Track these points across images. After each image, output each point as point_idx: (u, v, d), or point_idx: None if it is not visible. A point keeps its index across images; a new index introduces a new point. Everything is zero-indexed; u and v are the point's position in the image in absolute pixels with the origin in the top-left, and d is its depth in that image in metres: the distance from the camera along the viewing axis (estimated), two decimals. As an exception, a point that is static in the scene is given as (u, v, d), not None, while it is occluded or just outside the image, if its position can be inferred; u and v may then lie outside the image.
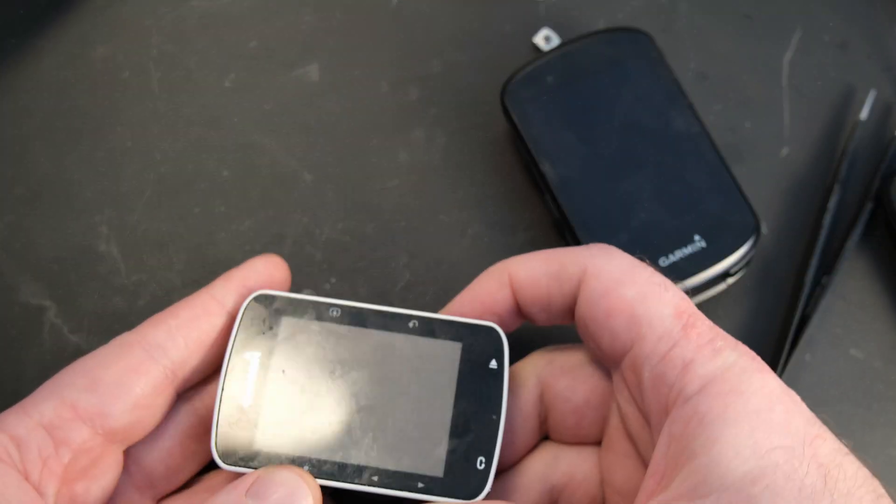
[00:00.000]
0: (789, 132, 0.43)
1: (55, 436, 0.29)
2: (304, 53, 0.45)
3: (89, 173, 0.43)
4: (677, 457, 0.27)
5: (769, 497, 0.25)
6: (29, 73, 0.44)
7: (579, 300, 0.31)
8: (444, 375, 0.32)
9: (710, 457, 0.26)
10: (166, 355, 0.32)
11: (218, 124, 0.43)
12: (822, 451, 0.27)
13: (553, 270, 0.32)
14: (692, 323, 0.30)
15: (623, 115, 0.40)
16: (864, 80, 0.44)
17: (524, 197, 0.42)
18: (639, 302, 0.30)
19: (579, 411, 0.33)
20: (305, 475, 0.30)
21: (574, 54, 0.41)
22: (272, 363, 0.32)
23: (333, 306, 0.33)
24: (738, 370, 0.28)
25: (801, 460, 0.26)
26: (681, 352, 0.29)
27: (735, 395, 0.27)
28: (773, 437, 0.27)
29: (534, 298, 0.33)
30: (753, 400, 0.27)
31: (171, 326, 0.32)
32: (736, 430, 0.27)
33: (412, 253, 0.41)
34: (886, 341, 0.40)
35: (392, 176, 0.42)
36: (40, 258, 0.41)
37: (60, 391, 0.30)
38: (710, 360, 0.28)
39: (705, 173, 0.39)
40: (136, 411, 0.31)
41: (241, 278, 0.34)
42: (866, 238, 0.41)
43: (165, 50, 0.45)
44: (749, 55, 0.44)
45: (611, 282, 0.31)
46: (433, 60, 0.44)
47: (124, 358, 0.31)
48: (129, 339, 0.32)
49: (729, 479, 0.26)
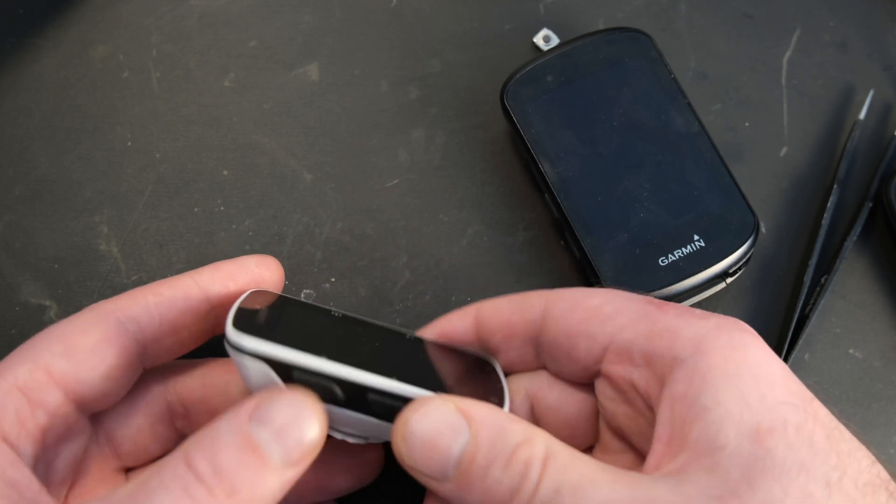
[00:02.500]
0: (788, 132, 0.43)
1: (30, 397, 0.29)
2: (304, 53, 0.45)
3: (89, 173, 0.43)
4: (684, 416, 0.27)
5: (784, 449, 0.26)
6: (29, 73, 0.44)
7: (546, 322, 0.32)
8: None
9: (723, 409, 0.27)
10: (140, 330, 0.32)
11: (218, 124, 0.43)
12: (821, 413, 0.28)
13: (516, 302, 0.33)
14: (663, 303, 0.31)
15: (622, 114, 0.40)
16: (864, 79, 0.44)
17: (524, 197, 0.42)
18: (607, 304, 0.31)
19: (572, 422, 0.33)
20: (311, 397, 0.28)
21: (574, 54, 0.41)
22: None
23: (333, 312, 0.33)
24: (727, 327, 0.29)
25: (805, 418, 0.27)
26: (664, 324, 0.29)
27: (731, 350, 0.28)
28: (777, 391, 0.27)
29: (496, 327, 0.33)
30: (749, 354, 0.28)
31: (149, 303, 0.32)
32: (740, 382, 0.27)
33: (412, 253, 0.41)
34: (885, 341, 0.40)
35: (392, 175, 0.42)
36: (40, 258, 0.41)
37: (35, 355, 0.30)
38: (695, 322, 0.29)
39: (705, 173, 0.39)
40: (107, 382, 0.31)
41: (230, 272, 0.34)
42: (865, 237, 0.41)
43: (165, 49, 0.45)
44: (749, 55, 0.44)
45: (575, 298, 0.32)
46: (433, 60, 0.44)
47: (100, 327, 0.31)
48: (105, 308, 0.32)
49: (744, 430, 0.26)
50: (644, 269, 0.38)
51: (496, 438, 0.27)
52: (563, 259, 0.41)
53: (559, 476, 0.27)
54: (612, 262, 0.38)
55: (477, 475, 0.27)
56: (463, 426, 0.28)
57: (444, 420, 0.28)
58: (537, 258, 0.41)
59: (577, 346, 0.31)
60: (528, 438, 0.27)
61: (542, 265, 0.41)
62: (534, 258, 0.41)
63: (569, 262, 0.41)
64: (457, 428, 0.28)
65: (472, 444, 0.27)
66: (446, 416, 0.28)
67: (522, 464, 0.27)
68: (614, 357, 0.31)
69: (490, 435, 0.27)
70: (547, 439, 0.28)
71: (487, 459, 0.27)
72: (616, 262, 0.38)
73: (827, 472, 0.26)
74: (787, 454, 0.26)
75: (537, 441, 0.27)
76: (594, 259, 0.38)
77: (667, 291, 0.37)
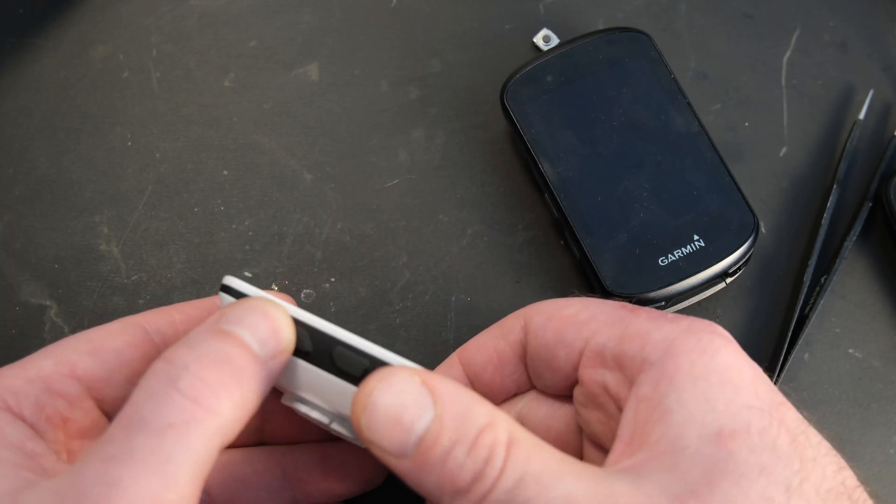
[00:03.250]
0: (788, 132, 0.43)
1: (51, 387, 0.29)
2: (304, 53, 0.45)
3: (89, 173, 0.43)
4: (647, 416, 0.27)
5: (746, 452, 0.26)
6: (29, 73, 0.44)
7: (528, 338, 0.32)
8: None
9: (686, 411, 0.27)
10: (165, 342, 0.32)
11: (218, 124, 0.43)
12: (789, 417, 0.28)
13: (495, 331, 0.33)
14: (636, 308, 0.31)
15: (622, 114, 0.40)
16: (864, 79, 0.44)
17: (524, 197, 0.42)
18: (582, 311, 0.31)
19: (561, 437, 0.33)
20: (277, 303, 0.28)
21: (574, 54, 0.41)
22: None
23: None
24: (696, 330, 0.29)
25: (770, 422, 0.27)
26: (636, 328, 0.29)
27: (699, 353, 0.28)
28: (744, 395, 0.27)
29: (483, 362, 0.33)
30: (719, 358, 0.28)
31: (174, 319, 0.32)
32: (706, 385, 0.27)
33: (412, 252, 0.41)
34: (885, 341, 0.40)
35: (392, 175, 0.42)
36: (40, 258, 0.41)
37: (61, 352, 0.30)
38: (666, 326, 0.29)
39: (704, 173, 0.39)
40: (130, 386, 0.30)
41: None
42: (865, 237, 0.41)
43: (165, 49, 0.45)
44: (749, 55, 0.44)
45: (551, 310, 0.32)
46: (433, 60, 0.44)
47: (126, 333, 0.31)
48: (132, 320, 0.32)
49: (706, 432, 0.26)
50: (644, 269, 0.38)
51: (461, 419, 0.26)
52: (563, 259, 0.41)
53: (522, 464, 0.26)
54: (612, 262, 0.38)
55: (438, 456, 0.26)
56: (428, 403, 0.27)
57: (409, 394, 0.27)
58: (537, 258, 0.41)
59: (557, 356, 0.31)
60: (492, 422, 0.27)
61: (542, 265, 0.41)
62: (534, 258, 0.41)
63: (569, 262, 0.41)
64: (421, 404, 0.27)
65: (437, 423, 0.26)
66: (412, 390, 0.27)
67: (487, 448, 0.26)
68: (588, 361, 0.31)
69: (455, 414, 0.26)
70: (510, 424, 0.27)
71: (451, 441, 0.26)
72: (616, 262, 0.38)
73: (788, 477, 0.26)
74: (748, 457, 0.26)
75: (500, 425, 0.27)
76: (594, 259, 0.38)
77: (667, 291, 0.37)
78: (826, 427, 0.38)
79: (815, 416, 0.29)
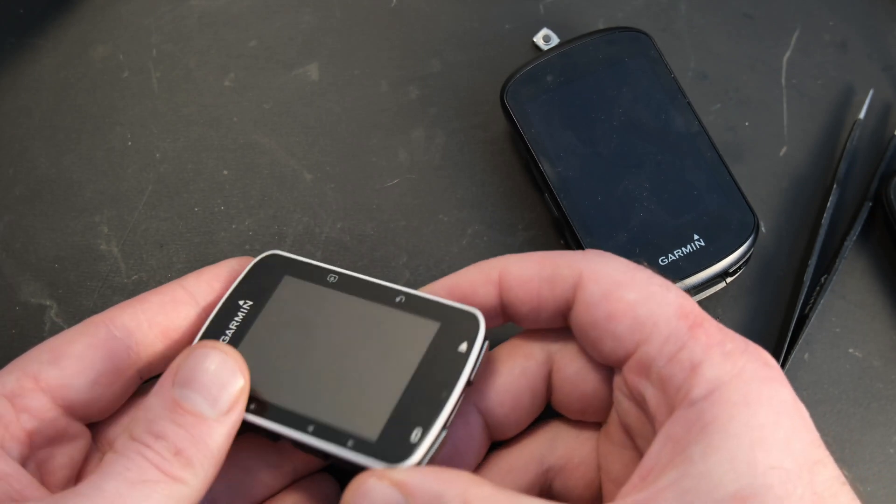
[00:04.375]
0: (788, 131, 0.43)
1: (16, 403, 0.30)
2: (304, 53, 0.45)
3: (89, 173, 0.43)
4: (671, 458, 0.27)
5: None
6: (29, 73, 0.44)
7: (576, 305, 0.31)
8: (413, 349, 0.32)
9: (705, 466, 0.26)
10: (130, 336, 0.32)
11: (218, 124, 0.43)
12: (820, 478, 0.26)
13: (546, 273, 0.32)
14: (699, 323, 0.29)
15: (622, 114, 0.40)
16: (864, 79, 0.44)
17: (524, 196, 0.42)
18: (641, 304, 0.30)
19: (585, 399, 0.32)
20: (229, 350, 0.30)
21: (574, 54, 0.41)
22: (260, 312, 0.33)
23: (332, 273, 0.34)
24: (748, 377, 0.27)
25: (796, 485, 0.26)
26: (689, 353, 0.28)
27: (742, 406, 0.27)
28: (773, 455, 0.26)
29: (523, 299, 0.32)
30: (760, 413, 0.27)
31: (137, 310, 0.33)
32: (736, 443, 0.26)
33: (412, 252, 0.41)
34: (885, 340, 0.40)
35: (392, 175, 0.42)
36: (40, 258, 0.41)
37: (24, 364, 0.31)
38: (719, 363, 0.28)
39: (704, 172, 0.39)
40: (97, 387, 0.31)
41: (214, 275, 0.34)
42: (865, 237, 0.41)
43: (165, 49, 0.45)
44: (749, 55, 0.44)
45: (610, 284, 0.30)
46: (433, 60, 0.44)
47: (88, 335, 0.32)
48: (94, 319, 0.32)
49: (719, 494, 0.25)
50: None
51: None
52: (563, 259, 0.41)
53: None
54: (612, 261, 0.38)
55: None
56: (400, 500, 0.28)
57: (381, 499, 0.28)
58: (537, 258, 0.41)
59: (603, 342, 0.30)
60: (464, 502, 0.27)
61: (542, 265, 0.41)
62: (534, 258, 0.41)
63: (569, 262, 0.41)
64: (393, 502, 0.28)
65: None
66: (383, 494, 0.28)
67: None
68: (634, 366, 0.30)
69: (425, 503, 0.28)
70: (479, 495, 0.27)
71: None
72: (616, 261, 0.38)
73: None
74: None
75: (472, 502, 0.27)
76: (594, 259, 0.38)
77: (667, 291, 0.37)
78: (826, 427, 0.38)
79: (815, 415, 0.29)
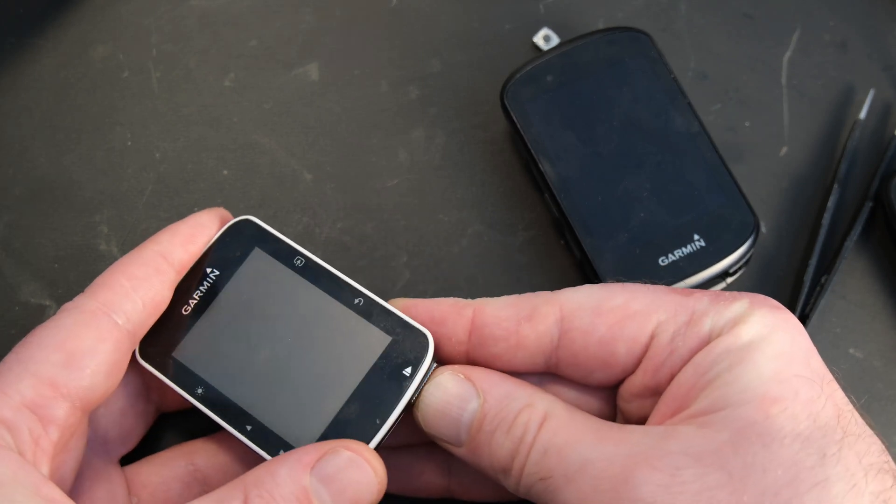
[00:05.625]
0: (789, 131, 0.43)
1: (41, 415, 0.28)
2: (304, 53, 0.45)
3: (89, 172, 0.43)
4: (695, 382, 0.28)
5: (786, 420, 0.26)
6: (29, 73, 0.44)
7: (570, 336, 0.30)
8: (361, 361, 0.31)
9: (732, 375, 0.27)
10: (128, 319, 0.31)
11: (218, 124, 0.43)
12: (838, 394, 0.28)
13: (521, 310, 0.31)
14: (688, 291, 0.31)
15: (622, 114, 0.40)
16: (864, 79, 0.44)
17: (524, 196, 0.42)
18: (631, 300, 0.30)
19: None
20: (378, 465, 0.29)
21: (574, 54, 0.41)
22: (225, 286, 0.33)
23: (300, 256, 0.34)
24: (760, 311, 0.29)
25: (819, 394, 0.27)
26: (701, 311, 0.29)
27: (762, 332, 0.28)
28: (795, 367, 0.27)
29: (499, 336, 0.31)
30: (778, 336, 0.28)
31: (126, 288, 0.32)
32: (760, 355, 0.27)
33: (412, 252, 0.41)
34: (886, 341, 0.40)
35: (392, 175, 0.42)
36: (40, 258, 0.41)
37: (36, 368, 0.29)
38: (731, 304, 0.29)
39: (705, 172, 0.39)
40: (109, 380, 0.31)
41: (188, 237, 0.34)
42: (865, 237, 0.41)
43: (165, 49, 0.45)
44: (749, 55, 0.44)
45: (593, 302, 0.31)
46: (433, 60, 0.44)
47: (92, 328, 0.30)
48: (90, 307, 0.31)
49: (748, 396, 0.26)
50: (644, 269, 0.38)
51: (502, 404, 0.29)
52: (563, 259, 0.41)
53: (549, 437, 0.28)
54: (612, 262, 0.38)
55: (484, 439, 0.29)
56: (472, 394, 0.30)
57: (453, 390, 0.30)
58: (537, 258, 0.41)
59: (616, 352, 0.30)
60: (531, 402, 0.29)
61: (542, 265, 0.41)
62: (534, 258, 0.41)
63: (569, 262, 0.41)
64: (465, 396, 0.30)
65: (480, 411, 0.29)
66: (456, 385, 0.30)
67: (521, 427, 0.28)
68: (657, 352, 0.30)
69: (496, 400, 0.29)
70: (549, 402, 0.29)
71: (493, 424, 0.29)
72: (616, 262, 0.38)
73: (825, 445, 0.26)
74: (786, 423, 0.26)
75: (538, 404, 0.29)
76: (594, 259, 0.38)
77: (667, 291, 0.37)
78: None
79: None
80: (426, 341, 0.31)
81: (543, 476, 0.27)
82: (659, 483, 0.25)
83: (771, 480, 0.25)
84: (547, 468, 0.27)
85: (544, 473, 0.27)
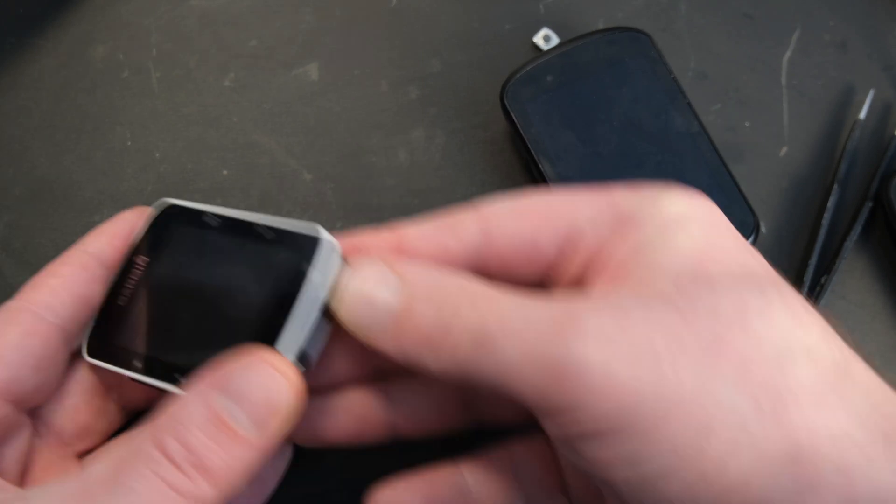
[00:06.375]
0: (788, 131, 0.43)
1: None
2: (304, 53, 0.45)
3: (89, 173, 0.43)
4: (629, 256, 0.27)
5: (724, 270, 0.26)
6: (29, 73, 0.44)
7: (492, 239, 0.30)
8: (266, 282, 0.31)
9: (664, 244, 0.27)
10: (56, 314, 0.31)
11: (218, 124, 0.43)
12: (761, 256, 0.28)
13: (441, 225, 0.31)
14: (606, 187, 0.30)
15: (622, 114, 0.40)
16: (864, 79, 0.44)
17: (524, 196, 0.42)
18: (551, 199, 0.30)
19: None
20: (290, 371, 0.28)
21: (574, 54, 0.41)
22: (155, 268, 0.33)
23: (215, 216, 0.33)
24: (681, 193, 0.29)
25: (749, 251, 0.28)
26: (621, 195, 0.29)
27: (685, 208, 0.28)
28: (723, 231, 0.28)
29: (425, 253, 0.30)
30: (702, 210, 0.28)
31: (53, 286, 0.32)
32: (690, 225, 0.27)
33: (412, 252, 0.41)
34: (886, 341, 0.40)
35: (392, 175, 0.42)
36: (40, 258, 0.41)
37: None
38: (649, 190, 0.29)
39: (704, 172, 0.39)
40: (39, 374, 0.31)
41: (113, 233, 0.34)
42: (865, 237, 0.41)
43: (165, 49, 0.45)
44: (749, 55, 0.44)
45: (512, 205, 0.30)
46: (433, 60, 0.44)
47: (17, 323, 0.31)
48: (15, 306, 0.31)
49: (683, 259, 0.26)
50: (644, 268, 0.38)
51: (425, 279, 0.27)
52: (563, 259, 0.41)
53: (484, 304, 0.26)
54: (612, 261, 0.38)
55: (413, 323, 0.27)
56: (391, 278, 0.27)
57: (373, 274, 0.28)
58: (537, 258, 0.41)
59: (538, 244, 0.30)
60: (456, 278, 0.27)
61: (542, 265, 0.41)
62: (534, 258, 0.41)
63: (569, 262, 0.41)
64: (386, 281, 0.28)
65: (405, 289, 0.27)
66: (376, 270, 0.28)
67: (452, 299, 0.27)
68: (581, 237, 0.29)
69: (417, 276, 0.27)
70: (476, 279, 0.27)
71: (419, 300, 0.27)
72: (616, 261, 0.38)
73: (763, 286, 0.26)
74: (724, 273, 0.26)
75: (465, 280, 0.27)
76: (594, 259, 0.38)
77: (667, 291, 0.37)
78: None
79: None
80: (317, 236, 0.31)
81: (478, 340, 0.26)
82: (610, 317, 0.25)
83: (722, 313, 0.25)
84: (482, 333, 0.26)
85: (479, 338, 0.26)
